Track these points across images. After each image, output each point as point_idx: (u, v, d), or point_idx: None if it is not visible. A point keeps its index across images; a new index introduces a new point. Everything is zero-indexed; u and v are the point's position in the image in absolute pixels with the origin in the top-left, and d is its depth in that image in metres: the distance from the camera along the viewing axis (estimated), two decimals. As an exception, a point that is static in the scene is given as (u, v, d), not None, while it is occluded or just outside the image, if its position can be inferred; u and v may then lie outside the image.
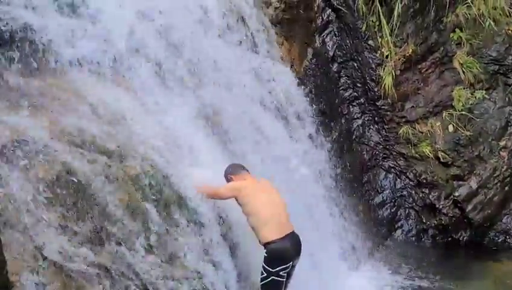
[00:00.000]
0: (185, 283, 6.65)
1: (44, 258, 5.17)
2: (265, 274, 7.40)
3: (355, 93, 12.24)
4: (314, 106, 11.35)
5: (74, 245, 5.69)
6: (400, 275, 10.90)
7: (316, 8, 11.85)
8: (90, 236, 5.92)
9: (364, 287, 10.34)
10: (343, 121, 12.15)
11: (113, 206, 6.28)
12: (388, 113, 12.16)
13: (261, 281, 7.47)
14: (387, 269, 11.09)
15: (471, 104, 11.98)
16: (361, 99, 12.24)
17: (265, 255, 7.40)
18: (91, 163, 6.33)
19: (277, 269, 7.38)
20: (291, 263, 7.47)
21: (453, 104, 12.01)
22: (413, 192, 12.31)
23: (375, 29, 11.91)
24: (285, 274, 7.45)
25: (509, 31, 12.02)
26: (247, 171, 7.92)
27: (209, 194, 7.51)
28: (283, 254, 7.42)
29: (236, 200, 7.57)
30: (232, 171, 7.82)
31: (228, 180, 7.78)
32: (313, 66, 11.83)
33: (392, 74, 11.81)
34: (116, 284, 5.79)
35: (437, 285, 10.58)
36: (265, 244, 7.41)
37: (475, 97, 11.98)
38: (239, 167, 7.94)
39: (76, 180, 6.00)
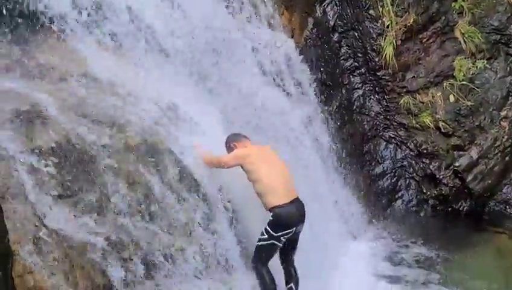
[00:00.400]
0: (185, 251, 6.67)
1: (46, 227, 5.18)
2: (266, 236, 7.43)
3: (355, 63, 12.18)
4: (315, 76, 11.31)
5: (75, 214, 5.70)
6: (400, 244, 10.94)
7: (316, -23, 11.77)
8: (91, 206, 5.94)
9: (364, 255, 10.39)
10: (343, 91, 12.10)
11: (114, 175, 6.28)
12: (389, 83, 12.10)
13: (258, 241, 7.50)
14: (387, 238, 11.12)
15: (472, 74, 11.92)
16: (362, 69, 12.18)
17: (271, 218, 7.42)
18: (92, 132, 6.32)
19: (279, 233, 7.42)
20: (294, 228, 7.51)
21: (454, 74, 11.93)
22: (413, 162, 12.29)
23: (376, -1, 11.85)
24: (285, 240, 7.49)
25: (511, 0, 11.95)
26: (248, 139, 7.92)
27: (213, 162, 7.55)
28: (288, 219, 7.45)
29: (242, 167, 7.58)
30: (234, 139, 7.84)
31: (230, 148, 7.78)
32: (314, 36, 11.76)
33: (393, 44, 11.74)
34: (117, 253, 5.81)
35: (436, 253, 10.62)
36: (272, 209, 7.43)
37: (476, 67, 11.91)
38: (240, 135, 7.95)
39: (77, 150, 6.00)
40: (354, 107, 12.23)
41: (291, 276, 7.82)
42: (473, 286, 9.67)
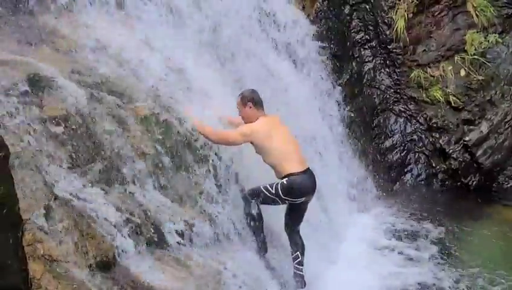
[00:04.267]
0: (194, 223, 6.70)
1: (56, 197, 5.21)
2: (273, 192, 7.39)
3: (366, 36, 12.13)
4: (326, 49, 11.28)
5: (85, 184, 5.73)
6: (408, 218, 10.94)
7: (328, -51, 11.68)
8: (101, 176, 5.96)
9: (372, 229, 10.41)
10: (354, 64, 12.07)
11: (123, 146, 6.30)
12: (400, 56, 12.07)
13: (264, 187, 7.45)
14: (395, 211, 11.14)
15: (483, 48, 11.84)
16: (373, 43, 12.13)
17: (284, 183, 7.37)
18: (100, 103, 6.33)
19: (286, 198, 7.45)
20: (303, 198, 7.52)
21: (466, 48, 11.87)
22: (423, 136, 12.26)
23: (388, -29, 11.77)
24: (288, 203, 7.55)
25: (525, -26, 11.85)
26: (262, 108, 7.71)
27: (220, 139, 7.39)
28: (301, 189, 7.44)
29: (251, 142, 7.50)
30: (253, 101, 7.60)
31: (245, 104, 7.59)
32: (325, 8, 11.74)
33: (405, 17, 11.68)
34: (126, 223, 5.84)
35: (444, 227, 10.62)
36: (287, 176, 7.39)
37: (488, 41, 11.83)
38: (258, 99, 7.69)
39: (86, 120, 6.02)
40: (365, 80, 12.20)
41: (297, 245, 7.80)
42: (477, 254, 9.69)
